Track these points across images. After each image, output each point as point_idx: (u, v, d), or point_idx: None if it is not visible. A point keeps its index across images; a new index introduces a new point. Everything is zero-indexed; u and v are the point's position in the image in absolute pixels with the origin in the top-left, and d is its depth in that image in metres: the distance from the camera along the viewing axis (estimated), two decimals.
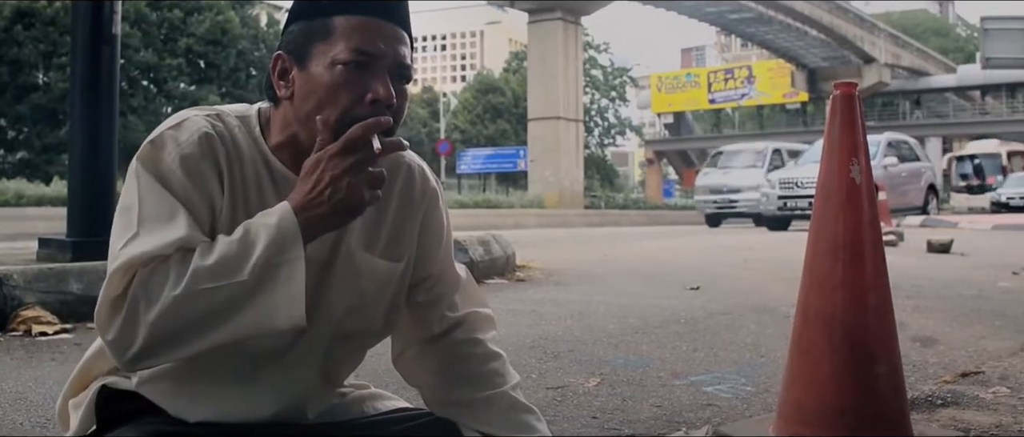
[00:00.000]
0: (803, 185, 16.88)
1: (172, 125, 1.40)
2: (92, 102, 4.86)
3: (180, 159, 1.36)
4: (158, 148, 1.37)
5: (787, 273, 6.48)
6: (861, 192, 1.98)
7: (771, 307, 4.88)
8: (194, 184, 1.36)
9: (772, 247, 10.93)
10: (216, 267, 1.27)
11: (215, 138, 1.39)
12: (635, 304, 5.07)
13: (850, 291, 1.95)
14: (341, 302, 1.51)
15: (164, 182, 1.35)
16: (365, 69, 1.37)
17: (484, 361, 1.63)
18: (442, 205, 1.64)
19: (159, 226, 1.31)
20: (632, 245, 12.12)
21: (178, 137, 1.38)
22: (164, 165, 1.35)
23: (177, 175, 1.35)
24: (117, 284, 1.28)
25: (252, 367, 1.47)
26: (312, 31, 1.40)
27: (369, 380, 1.81)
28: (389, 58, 1.39)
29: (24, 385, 2.84)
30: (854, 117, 2.01)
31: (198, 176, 1.36)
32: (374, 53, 1.38)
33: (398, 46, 1.41)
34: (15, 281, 3.97)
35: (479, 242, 6.68)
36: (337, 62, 1.37)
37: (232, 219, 1.39)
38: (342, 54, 1.37)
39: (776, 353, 3.41)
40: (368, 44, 1.38)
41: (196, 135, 1.38)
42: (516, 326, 4.16)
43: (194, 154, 1.36)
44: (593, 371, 3.16)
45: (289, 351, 1.48)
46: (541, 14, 36.41)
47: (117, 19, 4.96)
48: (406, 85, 1.43)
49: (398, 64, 1.41)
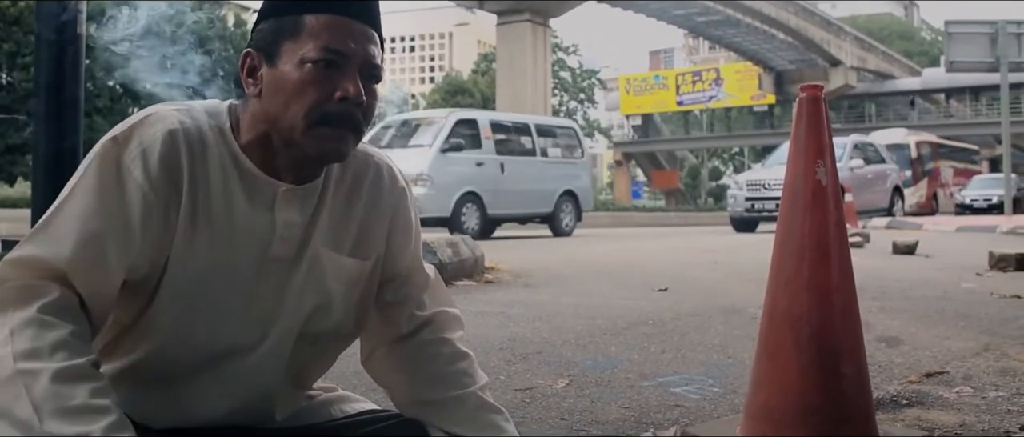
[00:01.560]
0: (770, 187, 16.96)
1: (138, 120, 1.39)
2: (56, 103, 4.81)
3: (141, 160, 1.35)
4: (121, 146, 1.36)
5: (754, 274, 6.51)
6: (827, 194, 1.99)
7: (739, 308, 4.90)
8: (149, 180, 1.35)
9: (739, 249, 10.98)
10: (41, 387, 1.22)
11: (180, 135, 1.38)
12: (603, 305, 5.08)
13: (816, 292, 1.97)
14: (307, 301, 1.51)
15: (119, 176, 1.34)
16: (335, 68, 1.37)
17: (452, 361, 1.62)
18: (410, 204, 1.64)
19: (57, 236, 1.32)
20: (600, 247, 12.14)
21: (142, 135, 1.37)
22: (123, 166, 1.35)
23: (134, 172, 1.34)
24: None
25: (217, 370, 1.46)
26: (282, 29, 1.39)
27: (337, 383, 1.80)
28: (359, 57, 1.39)
29: None
30: (820, 119, 2.03)
31: (156, 172, 1.35)
32: (344, 52, 1.38)
33: (368, 45, 1.41)
34: None
35: (448, 243, 6.66)
36: (306, 60, 1.36)
37: (192, 216, 1.39)
38: (311, 52, 1.36)
39: (743, 354, 3.43)
40: (338, 43, 1.37)
41: (160, 133, 1.37)
42: (484, 327, 4.15)
43: (155, 157, 1.35)
44: (561, 372, 3.16)
45: (254, 352, 1.48)
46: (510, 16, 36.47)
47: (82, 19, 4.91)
48: (376, 85, 1.43)
49: (368, 63, 1.41)
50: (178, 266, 1.39)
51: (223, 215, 1.41)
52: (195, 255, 1.40)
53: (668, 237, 15.97)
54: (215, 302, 1.43)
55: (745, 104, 62.57)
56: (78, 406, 1.21)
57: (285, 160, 1.43)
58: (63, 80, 4.82)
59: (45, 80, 4.85)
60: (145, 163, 1.35)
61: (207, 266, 1.41)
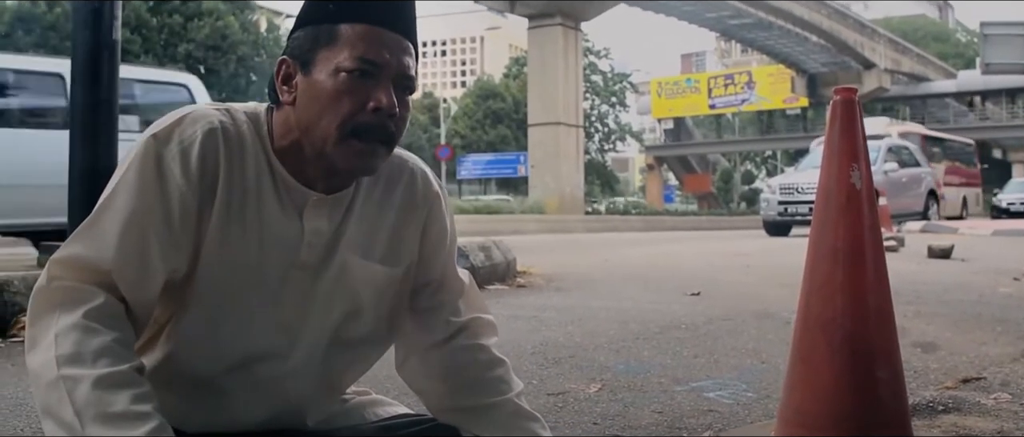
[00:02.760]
0: (804, 191, 16.85)
1: (178, 117, 1.40)
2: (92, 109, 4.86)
3: (181, 157, 1.37)
4: (160, 142, 1.38)
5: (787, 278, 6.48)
6: (861, 197, 1.98)
7: (772, 312, 4.87)
8: (188, 178, 1.36)
9: (772, 252, 10.92)
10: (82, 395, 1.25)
11: (219, 133, 1.40)
12: (636, 309, 5.07)
13: (850, 296, 1.95)
14: (336, 308, 1.51)
15: (160, 173, 1.36)
16: (369, 78, 1.38)
17: (488, 368, 1.62)
18: (445, 210, 1.63)
19: (103, 235, 1.34)
20: (633, 250, 12.11)
21: (183, 133, 1.38)
22: (164, 163, 1.36)
23: (174, 168, 1.36)
24: (44, 277, 1.33)
25: (247, 374, 1.47)
26: (317, 37, 1.40)
27: (370, 386, 1.81)
28: (393, 68, 1.40)
29: (24, 391, 2.84)
30: (854, 122, 2.01)
31: (195, 170, 1.37)
32: (378, 62, 1.38)
33: (402, 56, 1.41)
34: (15, 287, 3.97)
35: (480, 248, 6.67)
36: (341, 69, 1.37)
37: (225, 216, 1.40)
38: (346, 62, 1.37)
39: (777, 359, 3.41)
40: (372, 53, 1.38)
41: (200, 131, 1.39)
42: (517, 332, 4.15)
43: (196, 148, 1.37)
44: (594, 377, 3.15)
45: (285, 358, 1.48)
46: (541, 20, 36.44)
47: (117, 24, 4.96)
48: (409, 96, 1.44)
49: (402, 74, 1.41)
50: (208, 267, 1.41)
51: (255, 218, 1.42)
52: (225, 256, 1.41)
53: (700, 241, 15.91)
54: (242, 305, 1.44)
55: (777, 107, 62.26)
56: (119, 412, 1.23)
57: (316, 169, 1.43)
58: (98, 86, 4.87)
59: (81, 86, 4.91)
60: (184, 161, 1.36)
61: (235, 268, 1.42)
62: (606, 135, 64.15)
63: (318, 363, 1.52)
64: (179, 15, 35.67)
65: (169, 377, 1.44)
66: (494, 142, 55.07)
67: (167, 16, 35.64)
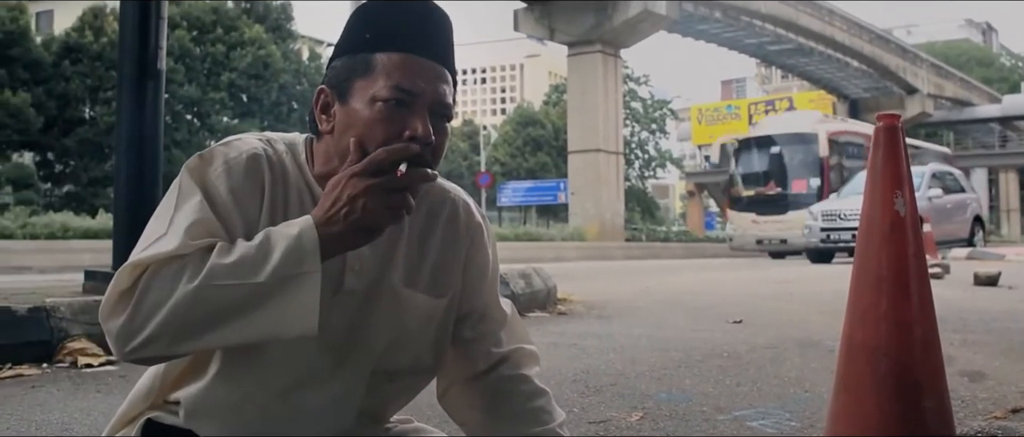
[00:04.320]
0: (846, 217, 16.73)
1: (223, 142, 1.43)
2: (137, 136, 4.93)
3: (226, 174, 1.38)
4: (206, 162, 1.40)
5: (831, 306, 6.42)
6: (905, 224, 1.96)
7: (815, 340, 4.83)
8: (235, 200, 1.38)
9: (815, 280, 10.83)
10: (234, 266, 1.29)
11: (263, 159, 1.42)
12: (677, 337, 5.04)
13: (895, 324, 1.93)
14: (382, 336, 1.51)
15: (206, 194, 1.37)
16: (404, 107, 1.38)
17: (530, 398, 1.62)
18: (488, 240, 1.64)
19: (186, 233, 1.34)
20: (674, 277, 12.06)
21: (227, 153, 1.41)
22: (209, 178, 1.38)
23: (220, 189, 1.38)
24: (126, 279, 1.32)
25: (291, 401, 1.48)
26: (354, 67, 1.41)
27: (412, 414, 1.81)
28: (428, 96, 1.40)
29: (70, 416, 2.87)
30: (898, 149, 2.00)
31: (240, 193, 1.39)
32: (413, 91, 1.39)
33: (438, 84, 1.41)
34: (62, 313, 4.02)
35: (520, 275, 6.67)
36: (377, 99, 1.38)
37: None
38: (382, 91, 1.38)
39: (821, 387, 3.37)
40: (408, 82, 1.39)
41: (244, 155, 1.41)
42: (557, 360, 4.14)
43: (240, 172, 1.39)
44: (636, 405, 3.13)
45: (328, 385, 1.49)
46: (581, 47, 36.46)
47: (162, 54, 5.04)
48: (446, 123, 1.44)
49: (438, 102, 1.41)
50: None
51: None
52: None
53: (742, 268, 15.81)
54: None
55: None
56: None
57: None
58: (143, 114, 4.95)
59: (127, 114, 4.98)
60: (229, 179, 1.38)
61: None
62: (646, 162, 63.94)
63: (361, 392, 1.53)
64: (222, 44, 36.12)
65: (214, 404, 1.45)
66: (534, 169, 55.07)
67: (210, 45, 36.11)
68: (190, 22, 35.73)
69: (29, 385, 3.43)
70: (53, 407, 3.03)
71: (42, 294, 4.45)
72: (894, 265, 1.94)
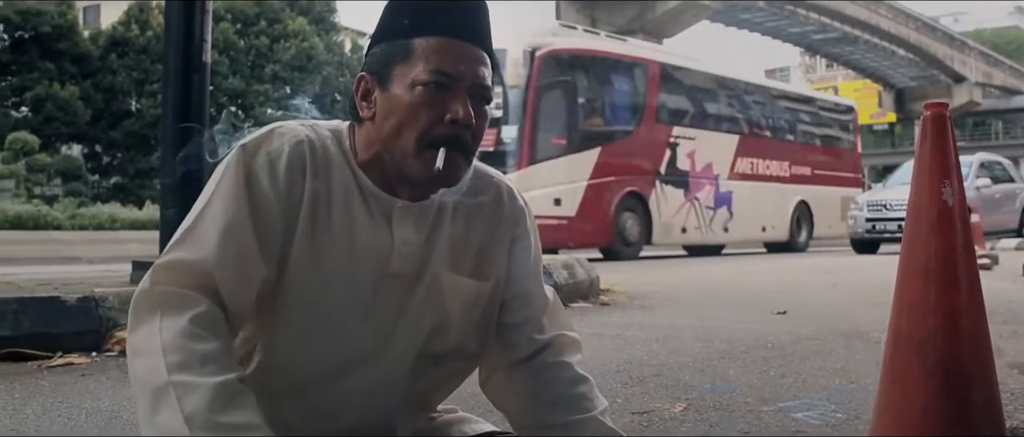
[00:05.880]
0: (892, 207, 16.53)
1: (267, 131, 1.44)
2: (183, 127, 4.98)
3: (268, 166, 1.40)
4: (249, 153, 1.41)
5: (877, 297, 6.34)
6: (953, 214, 1.94)
7: (861, 332, 4.79)
8: (275, 188, 1.40)
9: (860, 270, 10.73)
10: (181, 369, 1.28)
11: (306, 146, 1.43)
12: (720, 328, 5.02)
13: (943, 316, 1.91)
14: (426, 321, 1.52)
15: (248, 187, 1.39)
16: (444, 90, 1.39)
17: (572, 385, 1.62)
18: (530, 225, 1.64)
19: (203, 240, 1.37)
20: (717, 267, 12.00)
21: (270, 142, 1.42)
22: (252, 169, 1.40)
23: (261, 178, 1.40)
24: (146, 280, 1.37)
25: (337, 385, 1.49)
26: (393, 53, 1.42)
27: (456, 404, 1.81)
28: (468, 79, 1.41)
29: (119, 404, 2.90)
30: (945, 138, 1.97)
31: (282, 180, 1.40)
32: (453, 74, 1.40)
33: (477, 67, 1.42)
34: (110, 303, 4.07)
35: (563, 265, 6.66)
36: (417, 83, 1.39)
37: (312, 225, 1.43)
38: (421, 75, 1.39)
39: (867, 379, 3.34)
40: (447, 65, 1.40)
41: (288, 143, 1.42)
42: (600, 350, 4.13)
43: (282, 163, 1.41)
44: (679, 396, 3.12)
45: (374, 369, 1.50)
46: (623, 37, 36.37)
47: (207, 47, 5.08)
48: (486, 105, 1.45)
49: (477, 85, 1.42)
50: (298, 276, 1.43)
51: (343, 227, 1.44)
52: (314, 265, 1.43)
53: (786, 258, 15.69)
54: (332, 314, 1.46)
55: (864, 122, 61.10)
56: (228, 422, 1.24)
57: (399, 181, 1.46)
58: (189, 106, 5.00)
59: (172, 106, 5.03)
60: (272, 170, 1.40)
61: (325, 277, 1.44)
62: None
63: (406, 376, 1.54)
64: (266, 37, 36.36)
65: (259, 389, 1.46)
66: None
67: (254, 38, 36.37)
68: (234, 15, 36.01)
69: (79, 373, 3.48)
70: (102, 395, 3.07)
71: (91, 284, 4.52)
72: (942, 256, 1.92)
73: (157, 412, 1.26)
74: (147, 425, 1.27)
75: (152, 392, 1.26)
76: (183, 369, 1.26)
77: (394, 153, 1.42)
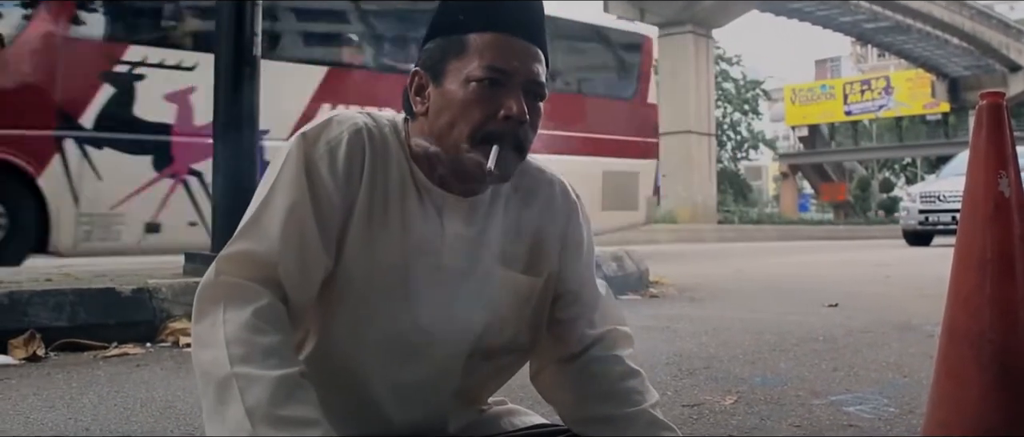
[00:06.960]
0: (946, 199, 16.29)
1: (326, 120, 1.45)
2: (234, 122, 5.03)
3: (328, 155, 1.41)
4: (309, 142, 1.42)
5: (930, 289, 6.29)
6: (1010, 206, 1.91)
7: (914, 325, 4.73)
8: (334, 177, 1.40)
9: (913, 263, 10.61)
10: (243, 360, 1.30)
11: (365, 134, 1.44)
12: (771, 320, 4.98)
13: (999, 309, 1.89)
14: (479, 315, 1.53)
15: (308, 176, 1.40)
16: (499, 86, 1.39)
17: (623, 378, 1.62)
18: (583, 220, 1.64)
19: (267, 231, 1.38)
20: (767, 260, 11.91)
21: (330, 130, 1.43)
22: (312, 158, 1.41)
23: (321, 167, 1.40)
24: (211, 271, 1.38)
25: (389, 378, 1.50)
26: (447, 48, 1.42)
27: (505, 395, 1.82)
28: (522, 75, 1.41)
29: (173, 394, 2.94)
30: (1002, 128, 1.95)
31: (341, 169, 1.41)
32: (507, 70, 1.40)
33: (531, 63, 1.42)
34: (164, 294, 4.13)
35: (612, 258, 6.66)
36: (471, 79, 1.39)
37: (368, 214, 1.43)
38: (476, 71, 1.39)
39: (920, 373, 3.31)
40: (501, 61, 1.40)
41: (347, 132, 1.43)
42: (650, 342, 4.12)
43: (341, 151, 1.42)
44: (729, 389, 3.11)
45: (426, 362, 1.50)
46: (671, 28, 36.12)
47: (257, 41, 5.12)
48: (540, 102, 1.45)
49: (531, 81, 1.42)
50: (354, 266, 1.44)
51: (398, 218, 1.45)
52: (368, 255, 1.44)
53: (837, 251, 15.56)
54: (385, 305, 1.47)
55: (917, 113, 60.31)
56: (289, 416, 1.25)
57: (451, 176, 1.46)
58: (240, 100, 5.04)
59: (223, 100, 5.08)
60: (331, 159, 1.41)
61: (379, 267, 1.45)
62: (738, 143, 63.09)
63: (459, 370, 1.54)
64: None
65: (314, 380, 1.48)
66: None
67: None
68: None
69: (134, 364, 3.54)
70: (156, 385, 3.11)
71: (145, 276, 4.58)
72: (998, 248, 1.90)
73: (220, 402, 1.27)
74: (211, 415, 1.29)
75: (216, 383, 1.28)
76: (246, 361, 1.28)
77: (447, 148, 1.43)
